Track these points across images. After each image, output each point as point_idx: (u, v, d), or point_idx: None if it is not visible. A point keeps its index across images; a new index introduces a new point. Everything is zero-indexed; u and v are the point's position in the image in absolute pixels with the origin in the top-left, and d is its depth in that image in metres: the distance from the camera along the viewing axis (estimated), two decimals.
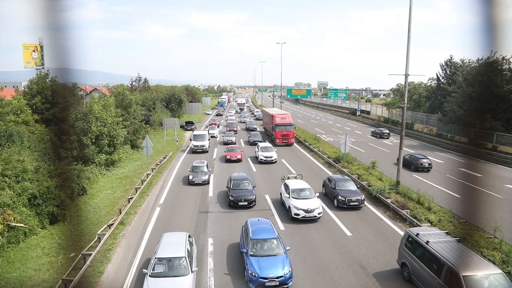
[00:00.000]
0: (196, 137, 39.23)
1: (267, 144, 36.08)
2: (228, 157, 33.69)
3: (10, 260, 15.00)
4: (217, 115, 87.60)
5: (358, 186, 22.70)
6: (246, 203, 20.83)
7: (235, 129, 55.14)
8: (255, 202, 21.22)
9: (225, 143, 42.28)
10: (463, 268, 9.41)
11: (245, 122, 63.55)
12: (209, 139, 40.45)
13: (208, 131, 47.37)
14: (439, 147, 41.80)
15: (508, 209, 20.30)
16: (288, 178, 22.83)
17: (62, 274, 12.87)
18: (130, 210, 20.10)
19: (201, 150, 37.91)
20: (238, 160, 33.50)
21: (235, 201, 20.85)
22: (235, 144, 41.71)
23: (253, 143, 42.05)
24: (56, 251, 15.77)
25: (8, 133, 24.93)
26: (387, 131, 50.13)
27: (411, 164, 29.92)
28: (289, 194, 19.94)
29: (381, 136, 49.30)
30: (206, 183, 25.67)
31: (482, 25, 2.39)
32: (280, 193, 21.78)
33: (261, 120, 68.34)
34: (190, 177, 25.69)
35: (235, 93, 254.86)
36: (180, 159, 35.37)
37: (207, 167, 27.61)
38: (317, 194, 20.02)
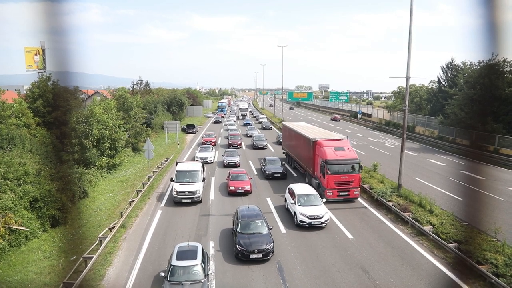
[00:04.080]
0: (181, 176, 22.95)
1: (307, 188, 20.86)
2: (232, 188, 23.88)
3: (12, 263, 15.01)
4: (215, 122, 75.31)
5: None
6: (260, 255, 14.62)
7: (239, 142, 43.13)
8: (273, 252, 15.01)
9: (226, 166, 31.76)
10: None
11: (251, 137, 47.15)
12: (203, 179, 24.05)
13: (198, 156, 33.39)
14: (440, 149, 41.70)
15: (510, 212, 20.20)
16: None
17: (63, 277, 12.86)
18: (131, 213, 20.08)
19: (189, 200, 21.88)
20: (247, 192, 23.98)
21: (244, 252, 14.62)
22: (239, 166, 31.75)
23: (271, 176, 27.95)
24: (57, 254, 15.78)
25: (10, 136, 25.04)
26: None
27: None
28: None
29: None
30: None
31: (483, 28, 2.39)
32: None
33: (268, 129, 59.60)
34: None
35: (236, 96, 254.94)
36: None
37: (205, 261, 13.13)
38: None
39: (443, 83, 55.94)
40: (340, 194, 22.12)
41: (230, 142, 42.46)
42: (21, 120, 30.24)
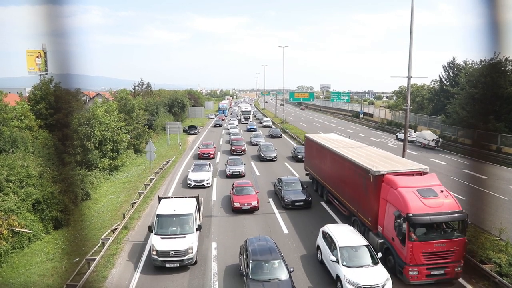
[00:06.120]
0: (164, 224, 15.23)
1: (353, 234, 14.17)
2: (236, 204, 20.41)
3: (15, 265, 15.04)
4: (215, 126, 68.89)
5: None
6: None
7: (243, 148, 38.94)
8: None
9: (230, 176, 28.08)
10: None
11: (257, 145, 39.69)
12: (198, 227, 15.52)
13: (192, 178, 25.80)
14: (442, 149, 41.55)
15: None
16: None
17: (66, 279, 12.88)
18: (133, 214, 20.11)
19: (177, 265, 14.07)
20: (253, 209, 20.47)
21: None
22: (244, 176, 28.14)
23: (291, 205, 20.89)
24: (60, 256, 15.80)
25: (12, 138, 25.10)
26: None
27: None
28: None
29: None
30: None
31: (485, 27, 2.39)
32: None
33: (277, 137, 51.06)
34: None
35: (237, 97, 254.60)
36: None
37: None
38: None
39: (445, 82, 55.88)
40: (432, 273, 12.60)
41: (233, 148, 38.88)
42: (23, 123, 30.32)
